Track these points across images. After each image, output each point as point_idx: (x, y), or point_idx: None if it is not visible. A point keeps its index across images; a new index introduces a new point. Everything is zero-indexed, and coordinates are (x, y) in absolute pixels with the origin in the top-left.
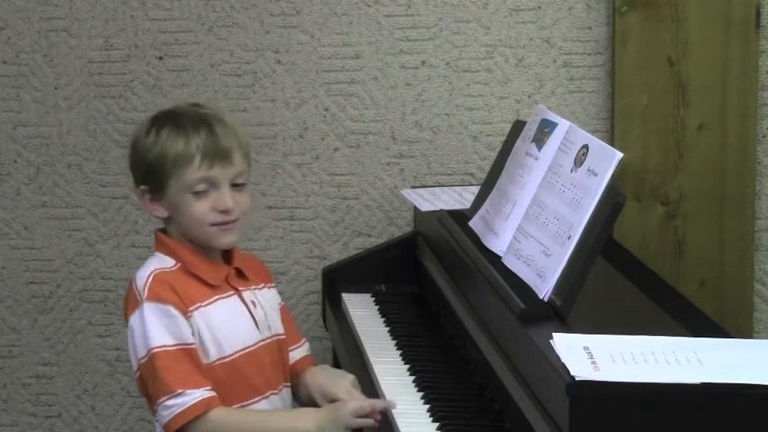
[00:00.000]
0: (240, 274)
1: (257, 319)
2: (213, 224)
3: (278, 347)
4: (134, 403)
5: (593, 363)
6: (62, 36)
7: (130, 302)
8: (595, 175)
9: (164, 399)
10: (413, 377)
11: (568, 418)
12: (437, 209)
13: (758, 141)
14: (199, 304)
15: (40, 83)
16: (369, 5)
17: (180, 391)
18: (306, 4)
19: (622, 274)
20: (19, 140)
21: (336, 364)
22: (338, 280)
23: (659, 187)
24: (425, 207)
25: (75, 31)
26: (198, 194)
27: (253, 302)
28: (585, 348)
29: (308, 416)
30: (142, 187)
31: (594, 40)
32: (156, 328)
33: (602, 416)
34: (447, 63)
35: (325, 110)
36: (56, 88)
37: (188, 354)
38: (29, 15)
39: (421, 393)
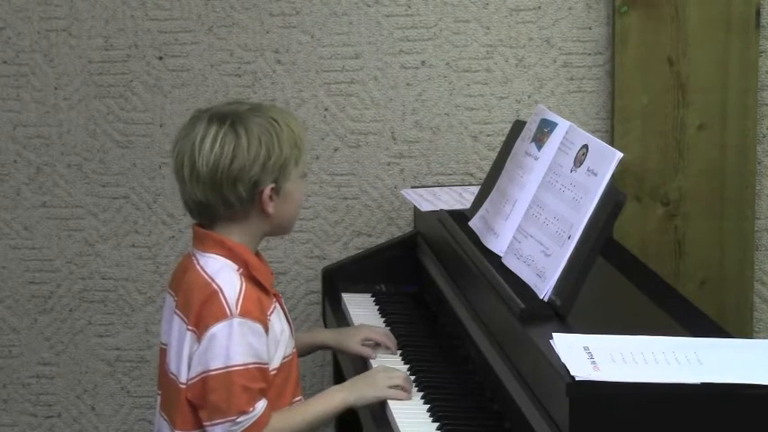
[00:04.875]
0: None
1: (292, 326)
2: None
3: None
4: (134, 403)
5: (593, 363)
6: (62, 36)
7: (214, 310)
8: (595, 174)
9: (235, 416)
10: (413, 377)
11: (568, 418)
12: (437, 209)
13: (758, 141)
14: (268, 316)
15: (40, 83)
16: (369, 5)
17: (251, 409)
18: (306, 4)
19: (622, 274)
20: (19, 140)
21: (336, 364)
22: (338, 280)
23: (659, 187)
24: (425, 207)
25: (75, 31)
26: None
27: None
28: (585, 348)
29: (340, 389)
30: (272, 186)
31: (594, 40)
32: (241, 345)
33: (602, 416)
34: (447, 63)
35: (325, 110)
36: (56, 88)
37: (262, 372)
38: (29, 15)
39: (421, 393)
